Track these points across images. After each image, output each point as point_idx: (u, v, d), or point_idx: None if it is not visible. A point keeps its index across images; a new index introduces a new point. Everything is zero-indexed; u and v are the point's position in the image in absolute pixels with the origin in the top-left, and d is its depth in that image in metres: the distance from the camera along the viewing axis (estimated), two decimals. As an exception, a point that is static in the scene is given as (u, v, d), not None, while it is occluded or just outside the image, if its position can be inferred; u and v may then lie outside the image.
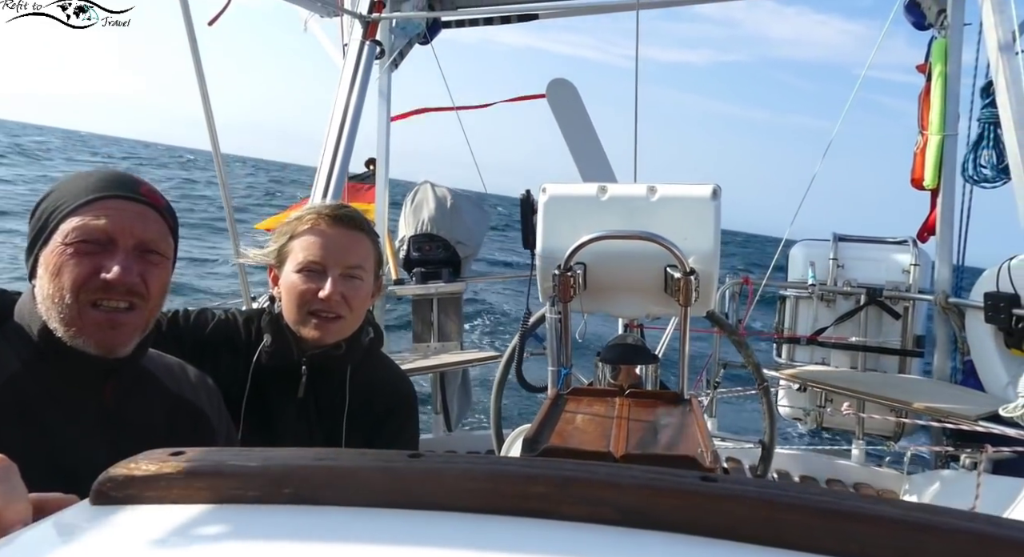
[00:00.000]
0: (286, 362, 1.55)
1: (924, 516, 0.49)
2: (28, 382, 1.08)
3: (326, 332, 1.53)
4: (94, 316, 1.08)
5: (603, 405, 1.41)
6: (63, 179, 1.17)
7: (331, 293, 1.50)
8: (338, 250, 1.54)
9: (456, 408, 4.54)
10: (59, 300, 1.07)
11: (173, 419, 1.25)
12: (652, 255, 1.59)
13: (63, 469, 1.00)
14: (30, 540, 0.49)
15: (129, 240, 1.11)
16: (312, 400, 1.58)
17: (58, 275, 1.07)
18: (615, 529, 0.50)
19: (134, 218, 1.12)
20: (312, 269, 1.52)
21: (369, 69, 3.78)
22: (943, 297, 3.77)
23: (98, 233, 1.09)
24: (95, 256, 1.08)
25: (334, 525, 0.50)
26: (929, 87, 3.83)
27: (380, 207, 4.58)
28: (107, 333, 1.09)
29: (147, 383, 1.24)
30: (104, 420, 1.15)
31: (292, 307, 1.54)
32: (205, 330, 1.60)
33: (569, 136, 3.85)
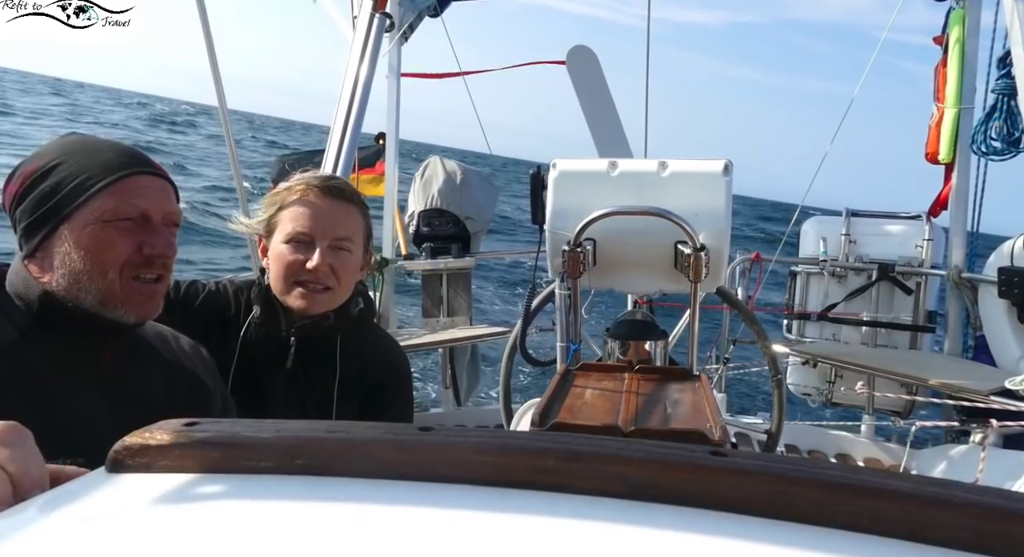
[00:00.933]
0: (275, 333, 1.55)
1: (935, 490, 0.49)
2: (26, 350, 1.10)
3: (313, 303, 1.53)
4: (136, 288, 1.15)
5: (612, 380, 1.41)
6: (63, 150, 1.16)
7: (319, 264, 1.50)
8: (327, 221, 1.53)
9: (465, 383, 4.57)
10: (99, 275, 1.12)
11: (170, 385, 1.28)
12: (662, 231, 1.58)
13: (64, 434, 1.02)
14: (48, 505, 0.50)
15: (159, 214, 1.17)
16: (302, 371, 1.58)
17: (99, 251, 1.11)
18: (624, 502, 0.50)
19: (161, 194, 1.19)
20: (300, 240, 1.52)
21: (379, 42, 3.75)
22: (956, 272, 3.74)
23: (135, 210, 1.14)
24: (135, 233, 1.14)
25: (345, 495, 0.51)
26: (946, 59, 3.77)
27: (390, 182, 4.57)
28: (147, 303, 1.17)
29: (143, 351, 1.27)
30: (103, 386, 1.17)
31: (279, 277, 1.54)
32: (196, 301, 1.61)
33: (587, 106, 3.80)
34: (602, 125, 3.74)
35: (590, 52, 3.95)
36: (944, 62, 3.78)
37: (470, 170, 4.59)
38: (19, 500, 0.52)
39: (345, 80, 3.59)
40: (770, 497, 0.49)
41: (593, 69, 3.87)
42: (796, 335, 4.24)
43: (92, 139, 1.21)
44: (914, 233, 3.99)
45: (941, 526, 0.47)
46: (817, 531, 0.48)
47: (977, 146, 3.71)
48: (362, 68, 3.59)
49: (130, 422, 0.69)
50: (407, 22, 4.47)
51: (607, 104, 3.81)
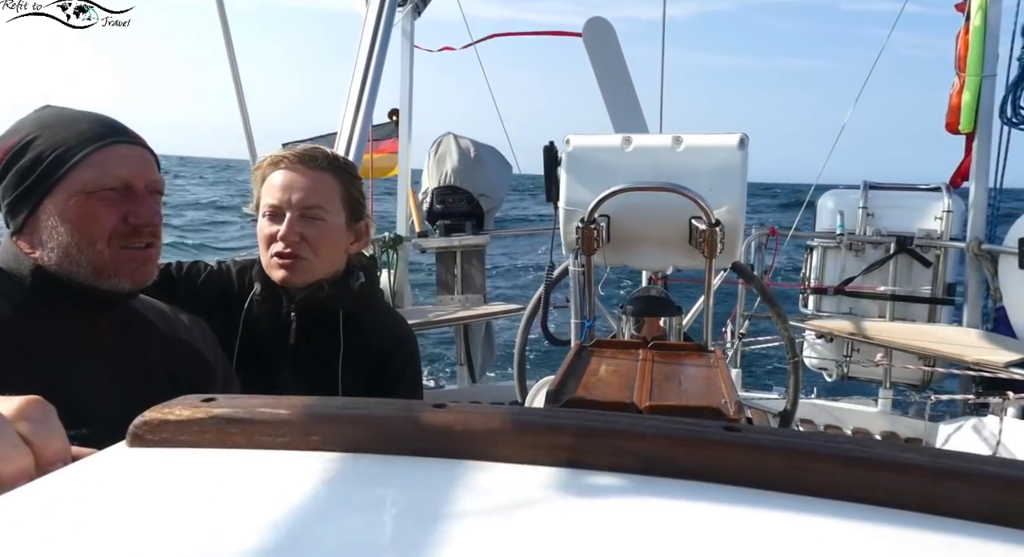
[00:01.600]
0: (276, 310, 1.56)
1: (951, 462, 0.49)
2: (23, 324, 1.10)
3: (290, 273, 1.53)
4: (127, 255, 1.15)
5: (627, 357, 1.41)
6: (38, 124, 1.15)
7: (285, 233, 1.50)
8: (295, 191, 1.52)
9: (480, 359, 4.59)
10: (87, 246, 1.11)
11: (168, 358, 1.28)
12: (677, 206, 1.57)
13: (68, 405, 1.03)
14: (70, 479, 0.51)
15: (142, 183, 1.17)
16: (305, 347, 1.58)
17: (84, 223, 1.11)
18: (637, 478, 0.51)
19: (141, 162, 1.18)
20: (274, 212, 1.53)
21: (392, 15, 3.71)
22: (976, 243, 3.69)
23: (117, 181, 1.13)
24: (119, 202, 1.14)
25: (360, 471, 0.51)
26: (968, 26, 3.68)
27: (404, 159, 4.56)
28: (140, 270, 1.17)
29: (140, 323, 1.28)
30: (102, 356, 1.18)
31: (261, 252, 1.55)
32: (198, 281, 1.61)
33: (603, 80, 3.75)
34: (619, 99, 3.69)
35: (607, 24, 3.89)
36: (966, 30, 3.70)
37: (484, 147, 4.57)
38: (41, 474, 0.53)
39: (358, 55, 3.57)
40: (784, 471, 0.49)
41: (610, 41, 3.81)
42: (813, 309, 4.21)
43: (67, 111, 1.19)
44: (932, 205, 3.93)
45: (957, 498, 0.47)
46: (832, 504, 0.48)
47: (1007, 116, 3.64)
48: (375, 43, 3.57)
49: (131, 391, 0.70)
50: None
51: (624, 78, 3.76)
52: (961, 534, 0.45)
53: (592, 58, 3.79)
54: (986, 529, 0.46)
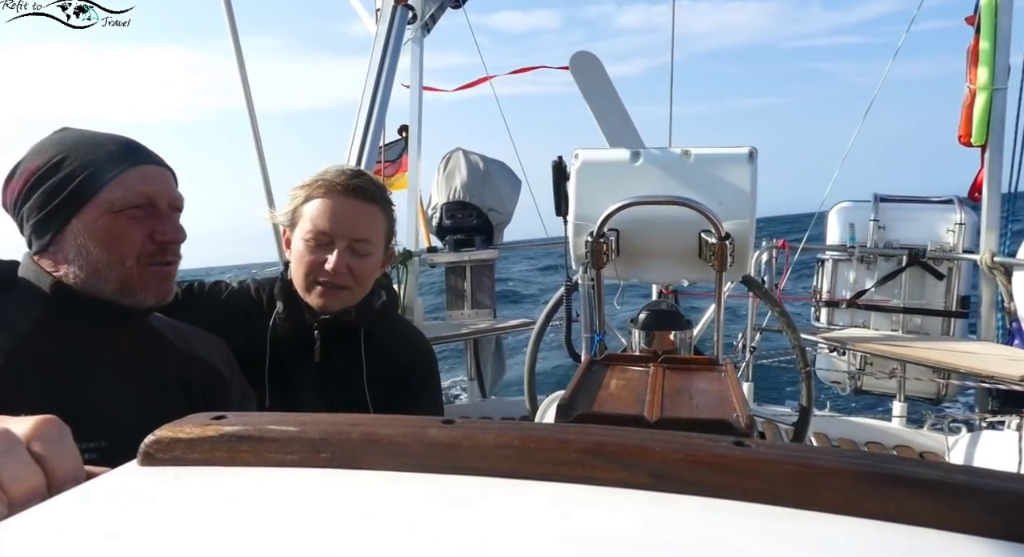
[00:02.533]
0: (300, 328, 1.57)
1: (966, 478, 0.48)
2: (43, 340, 1.13)
3: (330, 301, 1.53)
4: (153, 272, 1.20)
5: (637, 371, 1.40)
6: (65, 145, 1.17)
7: (336, 266, 1.49)
8: (348, 222, 1.51)
9: (490, 375, 4.58)
10: (117, 263, 1.16)
11: (185, 373, 1.30)
12: (686, 220, 1.57)
13: (85, 418, 1.03)
14: (81, 498, 0.51)
15: (164, 201, 1.22)
16: (329, 364, 1.59)
17: (114, 243, 1.15)
18: (649, 493, 0.50)
19: (164, 181, 1.23)
20: (320, 240, 1.51)
21: (401, 34, 3.76)
22: (989, 256, 3.66)
23: (143, 199, 1.18)
24: (145, 221, 1.18)
25: (370, 488, 0.51)
26: (978, 39, 3.68)
27: (413, 174, 4.58)
28: (163, 286, 1.23)
29: (157, 340, 1.30)
30: (120, 371, 1.20)
31: (299, 275, 1.54)
32: (219, 299, 1.62)
33: (596, 107, 3.80)
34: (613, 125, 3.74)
35: (593, 57, 3.96)
36: (976, 43, 3.70)
37: (493, 161, 4.59)
38: (54, 493, 0.53)
39: (368, 73, 3.61)
40: (796, 487, 0.49)
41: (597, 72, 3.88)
42: (825, 322, 4.19)
43: (90, 133, 1.23)
44: (944, 218, 3.91)
45: (972, 515, 0.46)
46: (845, 521, 0.47)
47: None
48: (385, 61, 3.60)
49: (148, 404, 0.70)
50: (429, 12, 4.47)
51: (615, 104, 3.81)
52: (976, 551, 0.45)
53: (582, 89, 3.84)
54: (1002, 546, 0.45)
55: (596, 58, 3.94)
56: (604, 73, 3.88)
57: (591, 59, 3.93)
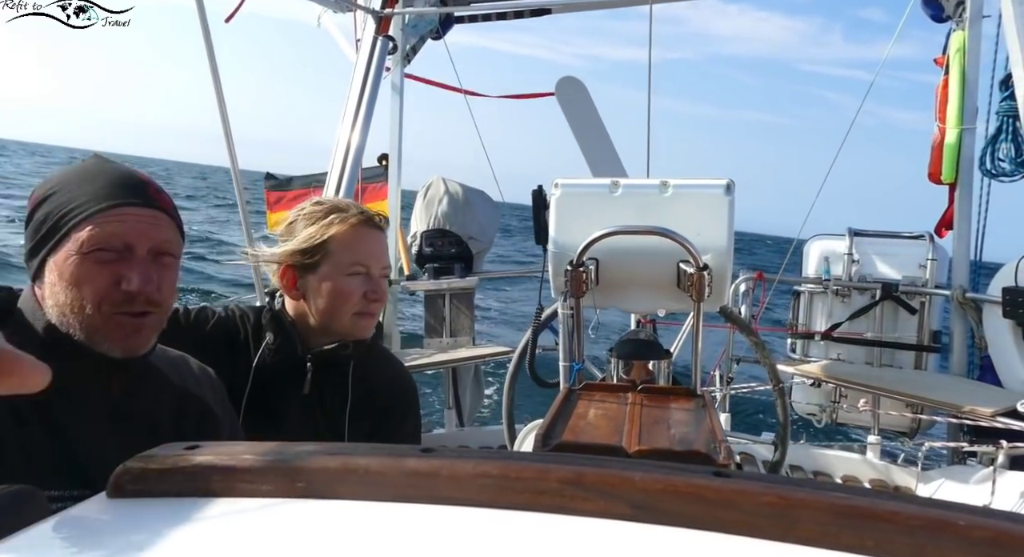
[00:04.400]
0: (290, 360, 1.56)
1: (941, 512, 0.48)
2: None
3: (367, 329, 1.62)
4: (118, 321, 1.10)
5: (616, 400, 1.40)
6: (62, 178, 1.15)
7: (381, 295, 1.60)
8: (378, 253, 1.62)
9: (468, 403, 4.55)
10: (79, 310, 1.08)
11: (178, 413, 1.26)
12: (665, 250, 1.58)
13: (73, 463, 1.01)
14: (47, 531, 0.49)
15: (145, 246, 1.12)
16: (316, 397, 1.59)
17: (76, 285, 1.08)
18: (628, 524, 0.50)
19: (149, 224, 1.14)
20: (359, 272, 1.58)
21: (382, 65, 3.79)
22: (960, 292, 3.73)
23: (115, 241, 1.10)
24: (113, 264, 1.10)
25: (347, 519, 0.50)
26: (947, 80, 3.79)
27: (393, 203, 4.59)
28: (131, 337, 1.12)
29: (152, 378, 1.25)
30: (111, 414, 1.15)
31: (336, 309, 1.57)
32: (206, 327, 1.61)
33: (580, 134, 3.84)
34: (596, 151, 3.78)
35: (578, 82, 4.02)
36: (945, 83, 3.81)
37: (472, 190, 4.61)
38: None
39: (348, 102, 3.63)
40: (774, 519, 0.49)
41: (582, 97, 3.94)
42: (800, 354, 4.22)
43: (95, 166, 1.17)
44: (917, 253, 3.98)
45: (946, 549, 0.46)
46: (822, 553, 0.47)
47: (986, 168, 3.72)
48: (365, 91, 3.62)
49: (137, 448, 0.68)
50: (410, 43, 4.52)
51: (599, 131, 3.86)
52: (953, 585, 0.45)
53: (567, 115, 3.89)
54: (977, 580, 0.45)
55: (581, 83, 4.00)
56: (589, 99, 3.93)
57: (576, 85, 3.98)
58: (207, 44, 2.77)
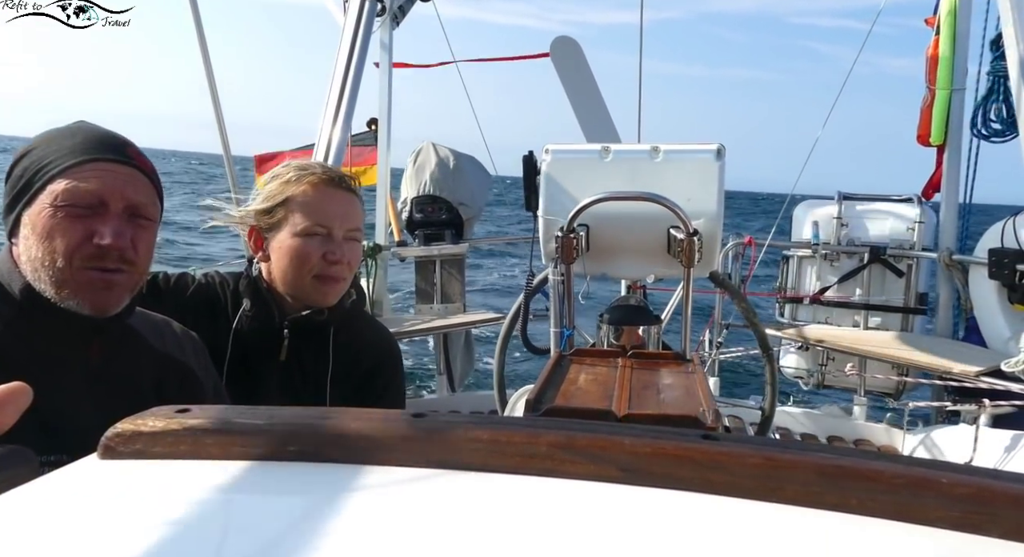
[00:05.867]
0: (267, 326, 1.55)
1: (923, 471, 0.49)
2: (11, 342, 1.07)
3: (330, 294, 1.54)
4: (88, 276, 1.08)
5: (606, 366, 1.41)
6: (44, 136, 1.13)
7: (340, 257, 1.51)
8: (342, 213, 1.53)
9: (459, 369, 4.58)
10: (50, 263, 1.07)
11: (160, 376, 1.25)
12: (655, 216, 1.58)
13: (50, 427, 1.00)
14: (38, 492, 0.50)
15: (120, 203, 1.11)
16: (295, 363, 1.57)
17: (48, 238, 1.06)
18: (617, 486, 0.51)
19: (124, 181, 1.12)
20: (318, 233, 1.51)
21: (370, 26, 3.72)
22: (947, 254, 3.76)
23: (89, 196, 1.08)
24: (86, 219, 1.08)
25: (338, 482, 0.51)
26: (937, 41, 3.76)
27: (382, 168, 4.55)
28: (101, 294, 1.10)
29: (133, 341, 1.24)
30: (91, 378, 1.15)
31: (294, 271, 1.52)
32: (186, 293, 1.59)
33: (573, 95, 3.81)
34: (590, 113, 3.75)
35: (573, 42, 3.95)
36: (936, 44, 3.78)
37: (463, 156, 4.57)
38: None
39: (336, 66, 3.57)
40: (761, 480, 0.50)
41: (577, 58, 3.88)
42: (789, 318, 4.26)
43: (77, 126, 1.16)
44: (906, 216, 4.00)
45: (929, 507, 0.47)
46: (807, 513, 0.48)
47: (977, 128, 3.72)
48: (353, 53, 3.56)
49: (118, 415, 0.68)
50: (397, 5, 4.43)
51: (593, 92, 3.82)
52: (934, 543, 0.46)
53: (561, 76, 3.84)
54: (959, 537, 0.46)
55: (576, 44, 3.94)
56: (584, 61, 3.88)
57: (571, 45, 3.93)
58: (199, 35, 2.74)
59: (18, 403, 0.57)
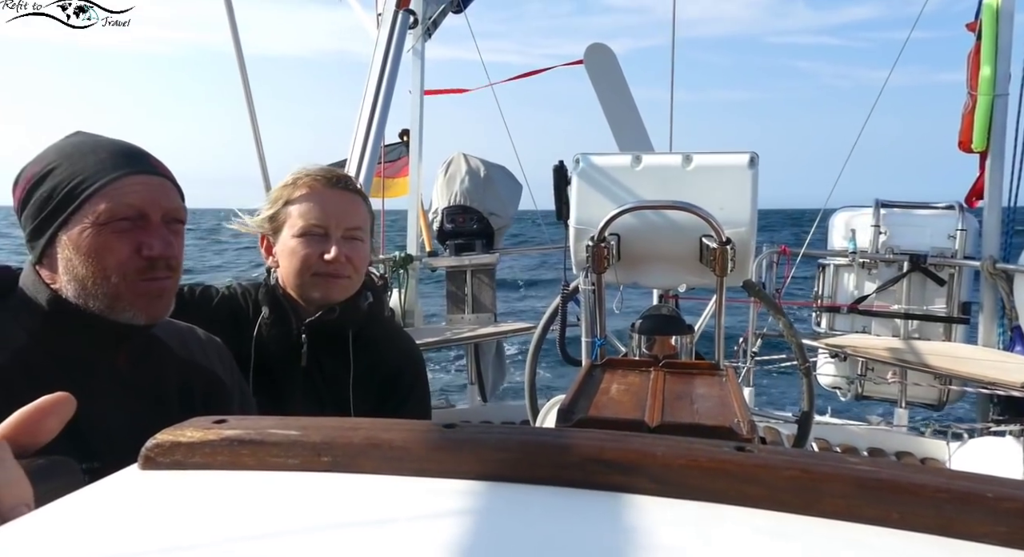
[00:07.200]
0: (286, 332, 1.56)
1: (968, 484, 0.48)
2: (38, 354, 1.09)
3: (332, 291, 1.55)
4: (143, 288, 1.12)
5: (638, 376, 1.40)
6: (60, 153, 1.14)
7: (337, 255, 1.52)
8: (339, 212, 1.55)
9: (491, 379, 4.58)
10: (103, 281, 1.10)
11: (185, 382, 1.27)
12: (687, 225, 1.57)
13: (78, 439, 1.02)
14: (82, 503, 0.51)
15: (158, 213, 1.14)
16: (317, 368, 1.58)
17: (97, 257, 1.09)
18: (650, 498, 0.50)
19: (158, 191, 1.16)
20: (314, 232, 1.53)
21: (403, 39, 3.76)
22: (990, 262, 3.66)
23: (131, 211, 1.11)
24: (131, 233, 1.11)
25: (371, 492, 0.51)
26: (979, 46, 3.69)
27: (414, 178, 4.59)
28: (155, 302, 1.14)
29: (158, 349, 1.26)
30: (119, 385, 1.16)
31: (295, 272, 1.54)
32: (210, 305, 1.61)
33: (606, 102, 3.80)
34: (622, 121, 3.73)
35: (607, 49, 3.94)
36: (977, 49, 3.70)
37: (493, 166, 4.60)
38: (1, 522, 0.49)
39: (369, 78, 3.62)
40: (798, 493, 0.49)
41: (611, 65, 3.87)
42: (826, 328, 4.19)
43: (90, 139, 1.18)
44: (946, 224, 3.91)
45: (974, 521, 0.46)
46: (846, 527, 0.47)
47: None
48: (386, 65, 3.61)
49: (146, 421, 0.68)
50: (431, 17, 4.49)
51: (627, 100, 3.80)
52: (979, 558, 0.45)
53: (594, 82, 3.83)
54: (1005, 553, 0.45)
55: (611, 51, 3.93)
56: (618, 68, 3.86)
57: (606, 52, 3.92)
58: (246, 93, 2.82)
59: (62, 413, 0.58)
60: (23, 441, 0.56)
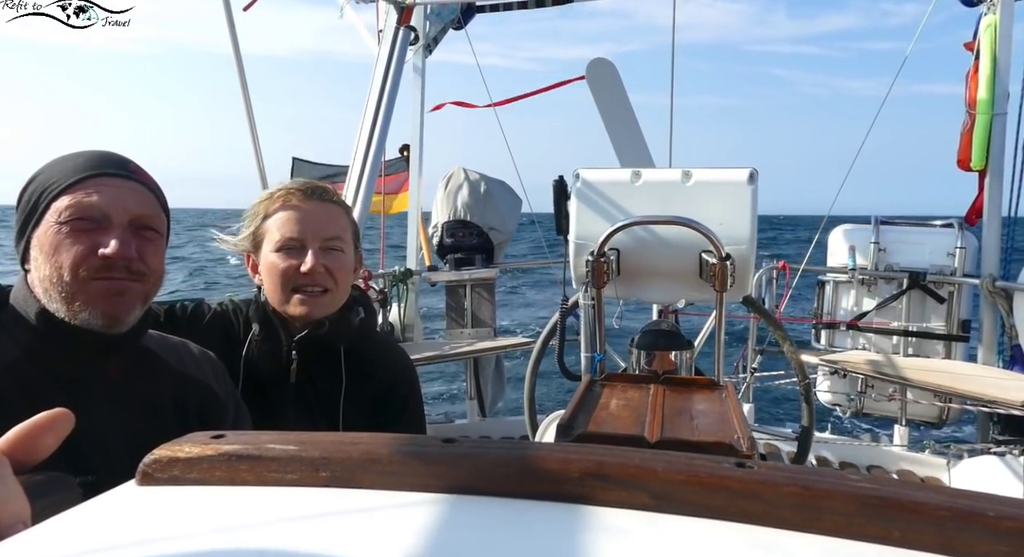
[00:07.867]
0: (276, 349, 1.55)
1: (969, 503, 0.48)
2: (29, 367, 1.09)
3: (313, 307, 1.52)
4: (97, 286, 1.08)
5: (638, 391, 1.40)
6: (50, 162, 1.16)
7: (314, 266, 1.49)
8: (315, 223, 1.52)
9: (490, 394, 4.57)
10: (57, 279, 1.08)
11: (180, 395, 1.26)
12: (687, 240, 1.57)
13: (73, 453, 1.01)
14: (80, 519, 0.50)
15: (124, 216, 1.11)
16: (309, 384, 1.57)
17: (55, 254, 1.08)
18: (649, 514, 0.50)
19: (127, 194, 1.13)
20: (291, 246, 1.51)
21: (404, 55, 3.79)
22: (990, 280, 3.67)
23: (92, 210, 1.08)
24: (91, 233, 1.08)
25: (369, 507, 0.51)
26: (977, 65, 3.71)
27: (414, 194, 4.60)
28: (112, 301, 1.10)
29: (151, 361, 1.25)
30: (112, 397, 1.15)
31: (276, 287, 1.52)
32: (202, 322, 1.60)
33: (608, 117, 3.81)
34: (623, 136, 3.75)
35: (609, 64, 3.97)
36: (975, 68, 3.73)
37: (493, 181, 4.61)
38: None
39: (370, 93, 3.64)
40: (798, 510, 0.48)
41: (613, 80, 3.88)
42: (826, 345, 4.18)
43: (82, 150, 1.17)
44: (945, 241, 3.92)
45: (975, 540, 0.46)
46: (847, 545, 0.47)
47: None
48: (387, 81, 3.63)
49: (141, 433, 0.68)
50: (432, 34, 4.52)
51: (628, 115, 3.82)
52: (981, 577, 0.44)
53: (596, 97, 3.85)
54: (1006, 572, 0.45)
55: (612, 65, 3.95)
56: (620, 83, 3.88)
57: (607, 67, 3.94)
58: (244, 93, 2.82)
59: (59, 430, 0.58)
60: (20, 458, 0.56)
